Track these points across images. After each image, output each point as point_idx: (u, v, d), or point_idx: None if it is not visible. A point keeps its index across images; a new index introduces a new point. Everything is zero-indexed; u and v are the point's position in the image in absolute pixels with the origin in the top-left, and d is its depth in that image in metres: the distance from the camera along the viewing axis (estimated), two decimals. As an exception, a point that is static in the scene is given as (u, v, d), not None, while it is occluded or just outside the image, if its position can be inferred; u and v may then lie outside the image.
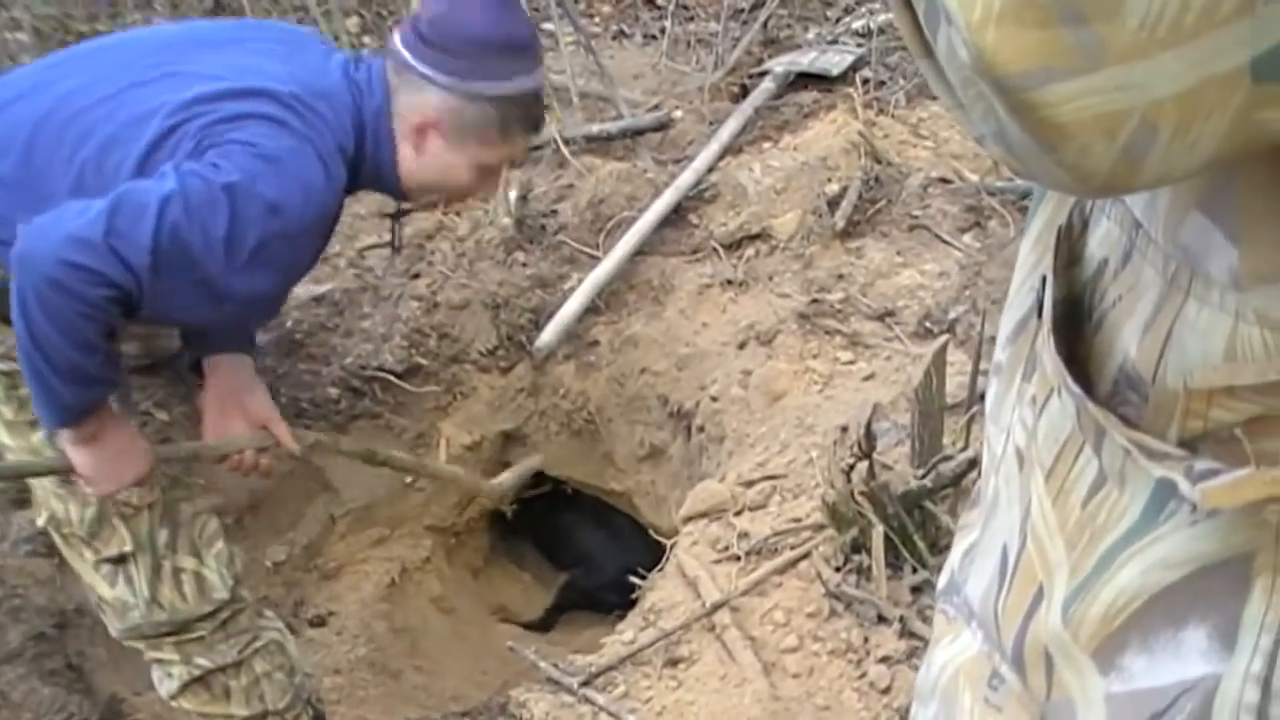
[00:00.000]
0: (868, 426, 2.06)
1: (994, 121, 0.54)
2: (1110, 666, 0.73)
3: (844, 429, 2.25)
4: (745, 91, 3.62)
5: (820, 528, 2.21)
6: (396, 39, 1.97)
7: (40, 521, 2.08)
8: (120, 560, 2.06)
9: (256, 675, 2.20)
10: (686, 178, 3.17)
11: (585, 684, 2.06)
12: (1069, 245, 0.78)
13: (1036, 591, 0.78)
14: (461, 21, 1.94)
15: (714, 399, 2.76)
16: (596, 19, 4.26)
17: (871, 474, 2.07)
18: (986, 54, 0.50)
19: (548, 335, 2.95)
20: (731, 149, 3.30)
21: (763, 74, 3.64)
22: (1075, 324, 0.76)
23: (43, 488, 2.03)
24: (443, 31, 1.94)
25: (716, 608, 2.11)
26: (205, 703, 2.18)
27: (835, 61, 3.54)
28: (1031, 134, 0.52)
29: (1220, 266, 0.64)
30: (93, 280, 1.70)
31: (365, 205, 3.35)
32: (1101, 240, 0.75)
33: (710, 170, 3.20)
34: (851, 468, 2.09)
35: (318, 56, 2.03)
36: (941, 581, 0.97)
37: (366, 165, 2.01)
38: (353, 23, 4.23)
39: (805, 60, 3.59)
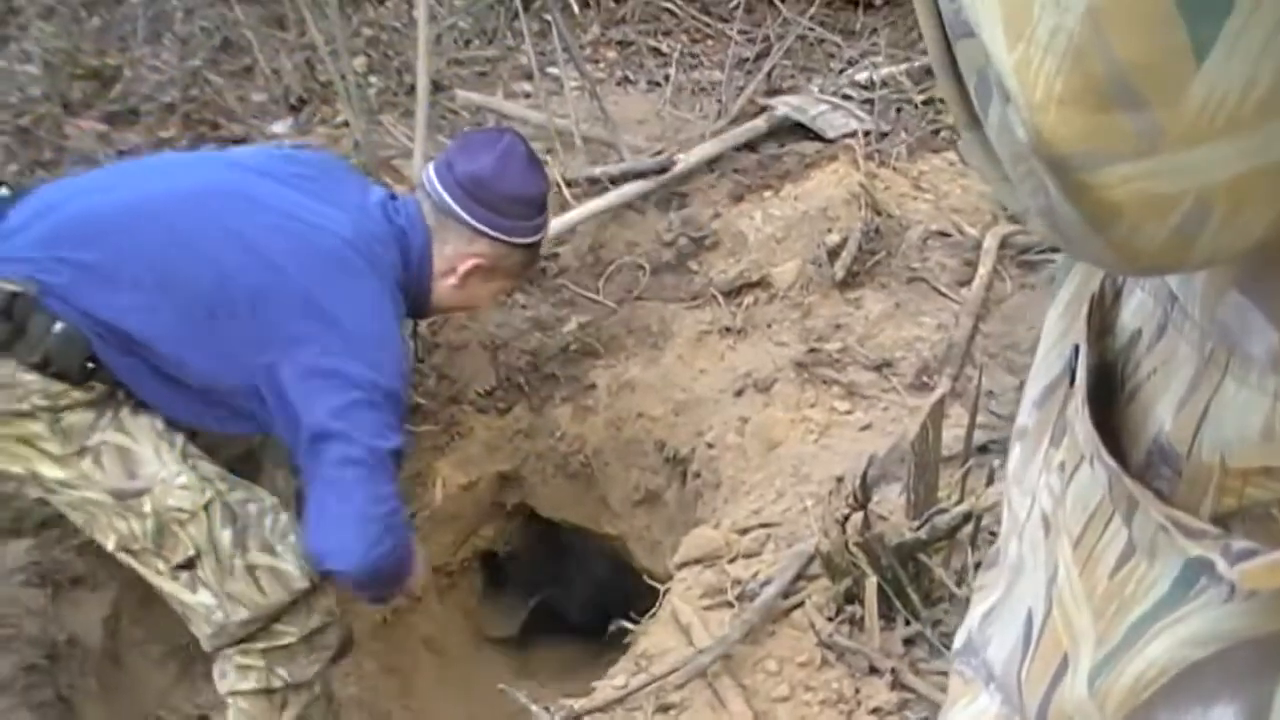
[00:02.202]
0: (863, 477, 2.07)
1: (1043, 198, 0.55)
2: None
3: (839, 479, 2.25)
4: (749, 141, 3.64)
5: (814, 577, 2.21)
6: (440, 190, 2.36)
7: (110, 547, 2.15)
8: (189, 565, 2.13)
9: (315, 696, 2.28)
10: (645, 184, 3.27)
11: (574, 727, 2.06)
12: (1100, 314, 0.79)
13: (1062, 660, 0.78)
14: (506, 182, 2.36)
15: (710, 445, 2.78)
16: (602, 64, 4.29)
17: (866, 525, 2.07)
18: (1045, 134, 0.51)
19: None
20: (727, 192, 3.33)
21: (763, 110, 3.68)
22: (1106, 393, 0.77)
23: (103, 512, 2.11)
24: (491, 190, 2.35)
25: (715, 660, 2.10)
26: (262, 709, 2.24)
27: (837, 125, 3.56)
28: (1083, 213, 0.54)
29: (1260, 348, 0.65)
30: (395, 536, 2.16)
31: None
32: (1135, 311, 0.77)
33: (680, 181, 3.29)
34: (847, 518, 2.09)
35: (358, 193, 2.35)
36: (958, 642, 0.97)
37: (408, 296, 2.35)
38: (359, 62, 4.26)
39: (811, 112, 3.61)
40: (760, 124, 3.56)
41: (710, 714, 2.05)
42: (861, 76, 3.94)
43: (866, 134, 3.48)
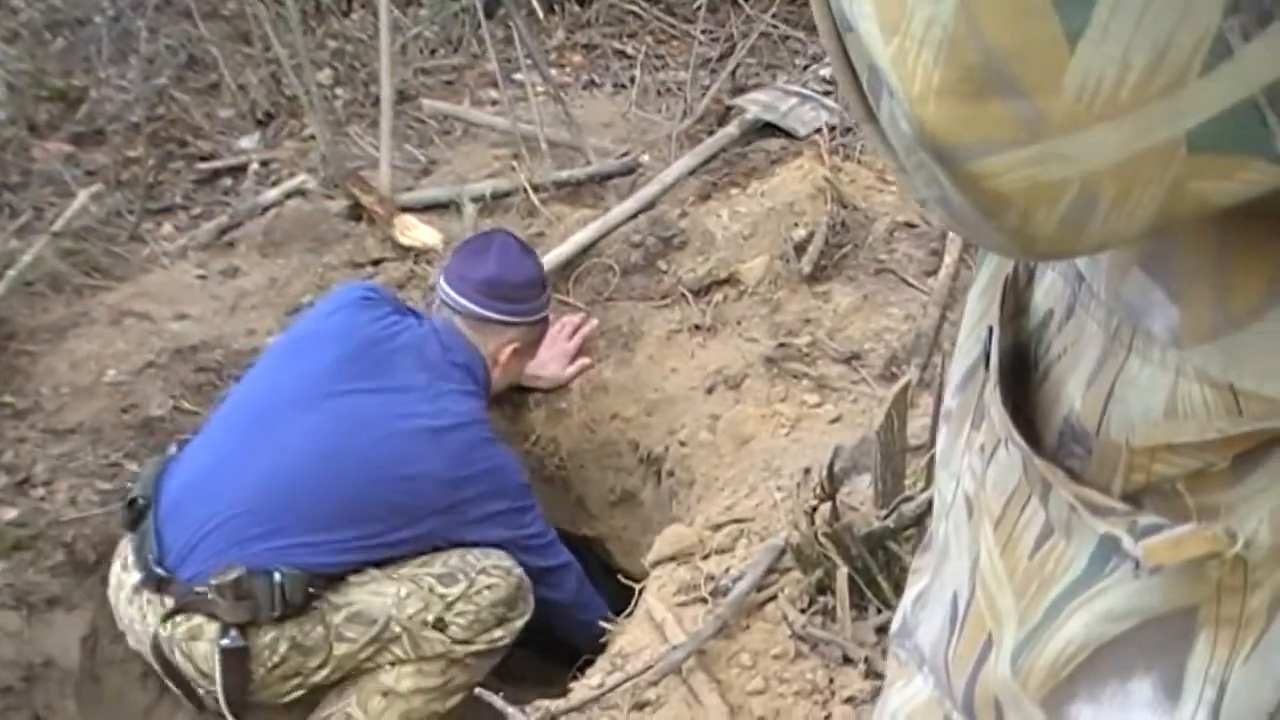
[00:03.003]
0: (830, 468, 2.07)
1: (938, 189, 0.56)
2: (1059, 716, 0.74)
3: (806, 471, 2.26)
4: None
5: (786, 570, 2.22)
6: (466, 303, 2.75)
7: None
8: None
9: None
10: (628, 205, 3.25)
11: (551, 728, 2.06)
12: (1015, 296, 0.80)
13: (986, 640, 0.79)
14: (515, 274, 2.79)
15: (683, 444, 2.78)
16: (567, 69, 4.30)
17: (835, 515, 2.08)
18: (927, 126, 0.52)
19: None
20: (694, 191, 3.33)
21: (729, 110, 3.67)
22: (1022, 374, 0.78)
23: None
24: (507, 286, 2.77)
25: (689, 655, 2.10)
26: None
27: (807, 119, 3.56)
28: (974, 202, 0.54)
29: (1161, 325, 0.65)
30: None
31: (337, 255, 3.38)
32: (1047, 292, 0.77)
33: (652, 207, 3.26)
34: (815, 510, 2.10)
35: (424, 368, 2.66)
36: (894, 625, 0.98)
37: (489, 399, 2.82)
38: (325, 75, 4.27)
39: (781, 108, 3.61)
40: (733, 130, 3.56)
41: (685, 710, 2.05)
42: (826, 72, 3.94)
43: (832, 128, 3.49)
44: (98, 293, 3.36)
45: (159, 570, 2.41)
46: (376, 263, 3.38)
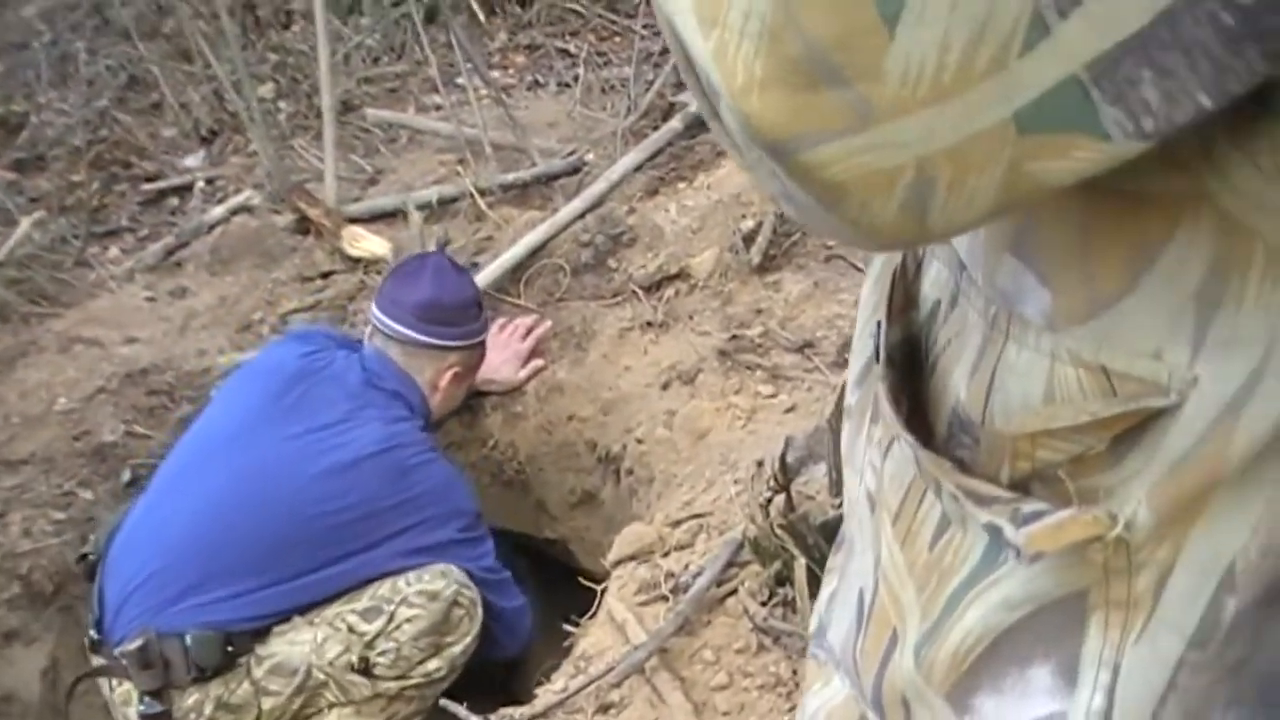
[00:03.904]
0: (782, 459, 2.07)
1: (778, 183, 0.55)
2: (964, 708, 0.73)
3: (760, 463, 2.25)
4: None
5: (746, 564, 2.21)
6: (399, 328, 2.67)
7: None
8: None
9: None
10: (576, 204, 3.22)
11: (515, 736, 2.05)
12: (904, 288, 0.79)
13: (891, 636, 0.78)
14: (451, 297, 2.72)
15: (640, 441, 2.77)
16: (511, 70, 4.28)
17: (790, 506, 2.07)
18: (753, 119, 0.51)
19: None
20: (641, 187, 3.32)
21: (673, 105, 3.66)
22: (914, 367, 0.77)
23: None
24: (442, 308, 2.69)
25: (650, 655, 2.09)
26: None
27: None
28: (812, 193, 0.53)
29: (1034, 309, 0.65)
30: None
31: (286, 270, 3.35)
32: (933, 282, 0.77)
33: (600, 205, 3.24)
34: (769, 501, 2.09)
35: (343, 394, 2.59)
36: (812, 626, 0.98)
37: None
38: (267, 89, 4.24)
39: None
40: (677, 124, 3.54)
41: (650, 710, 2.04)
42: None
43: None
44: (45, 320, 3.34)
45: (92, 633, 2.40)
46: (326, 275, 3.36)
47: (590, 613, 2.36)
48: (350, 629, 2.40)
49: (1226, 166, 0.55)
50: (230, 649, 2.33)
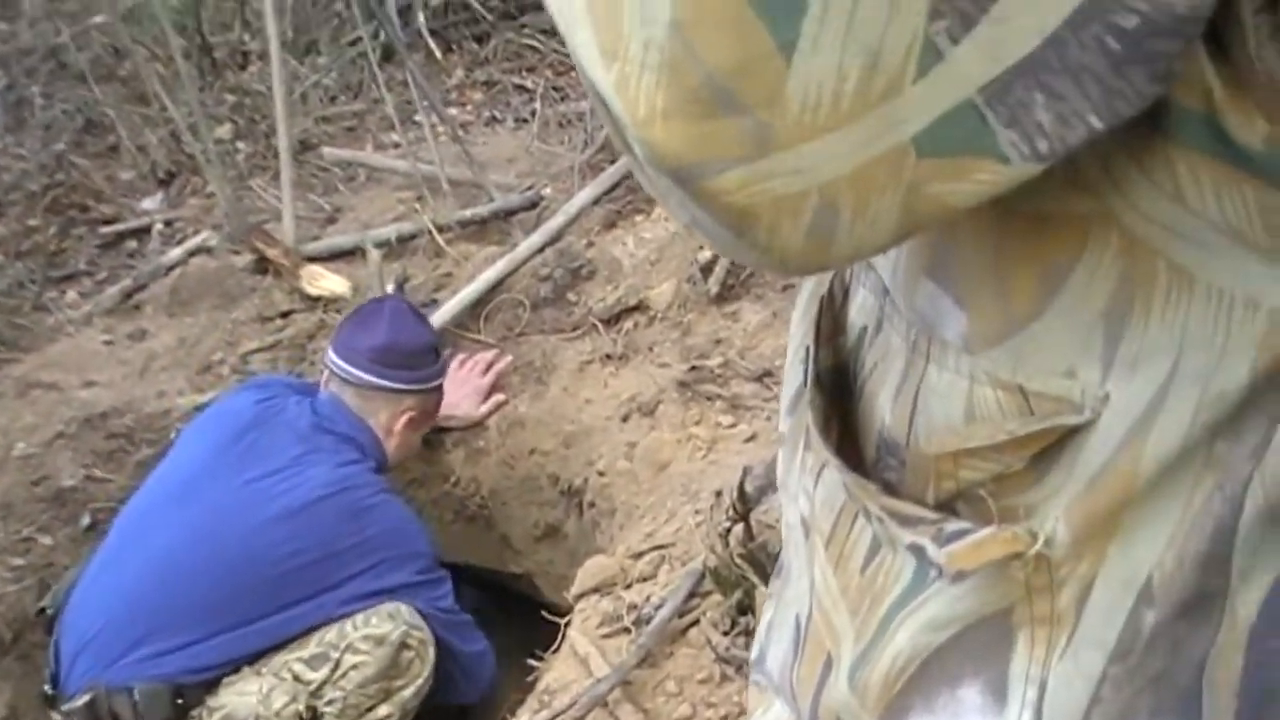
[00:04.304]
0: (740, 489, 2.07)
1: (688, 211, 0.55)
2: None
3: (718, 494, 2.26)
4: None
5: (708, 594, 2.21)
6: (355, 371, 2.65)
7: None
8: None
9: None
10: (534, 239, 3.24)
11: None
12: (833, 314, 0.80)
13: (826, 660, 0.79)
14: (407, 339, 2.70)
15: (602, 474, 2.77)
16: (468, 106, 4.29)
17: (750, 535, 2.08)
18: (657, 149, 0.51)
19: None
20: (599, 220, 3.33)
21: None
22: (845, 392, 0.78)
23: None
24: (399, 352, 2.67)
25: (613, 688, 2.09)
26: None
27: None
28: (719, 220, 0.54)
29: (952, 331, 0.66)
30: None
31: (245, 311, 3.35)
32: (860, 308, 0.78)
33: (558, 239, 3.25)
34: (729, 531, 2.10)
35: (293, 438, 2.56)
36: (753, 653, 0.98)
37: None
38: (225, 129, 4.24)
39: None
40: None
41: (613, 743, 2.04)
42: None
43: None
44: (3, 365, 3.32)
45: (47, 688, 2.38)
46: (285, 315, 3.35)
47: (554, 647, 2.36)
48: (296, 678, 2.36)
49: (1127, 186, 0.57)
50: (180, 701, 2.31)
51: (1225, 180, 0.55)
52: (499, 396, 3.01)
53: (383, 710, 2.44)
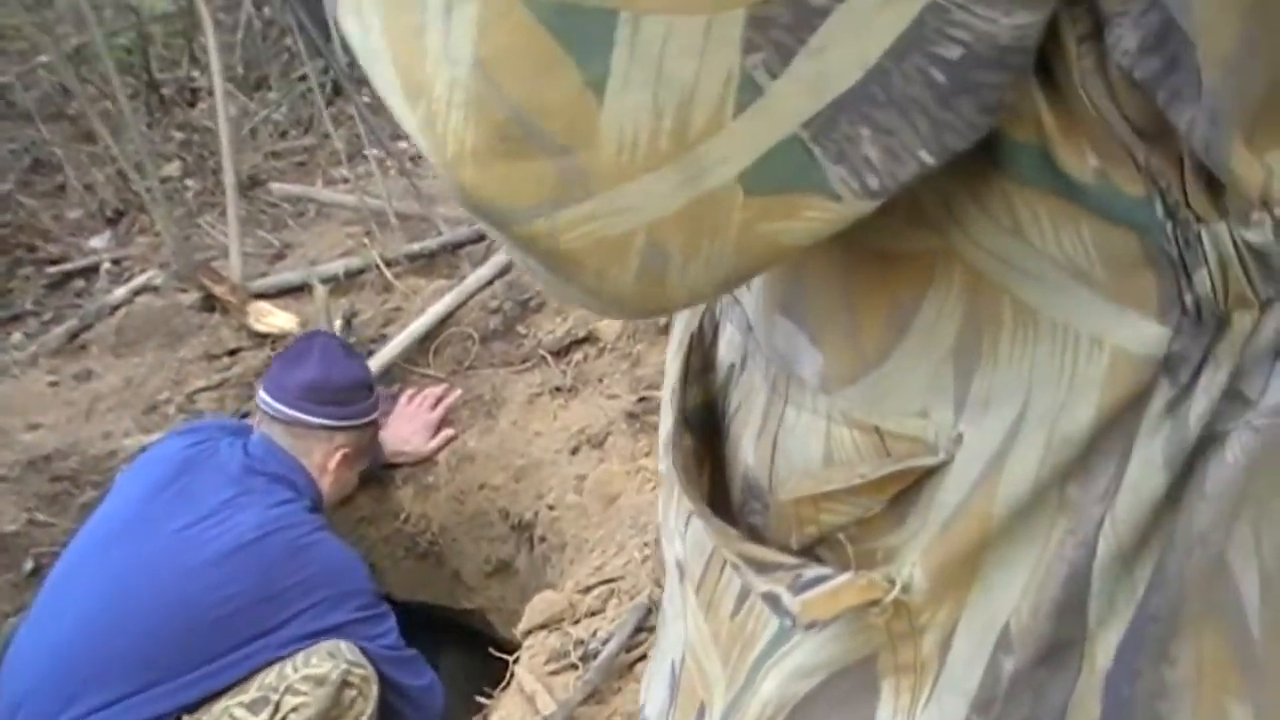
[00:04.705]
0: (684, 521, 2.05)
1: (512, 252, 0.53)
2: None
3: (662, 526, 2.23)
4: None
5: (654, 628, 2.19)
6: (286, 410, 2.60)
7: None
8: None
9: None
10: (483, 272, 3.22)
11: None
12: (703, 350, 0.78)
13: (699, 708, 0.77)
14: (338, 376, 2.65)
15: (551, 507, 2.75)
16: (418, 140, 4.27)
17: (694, 568, 2.06)
18: (469, 190, 0.48)
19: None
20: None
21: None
22: (715, 432, 0.76)
23: None
24: (330, 389, 2.63)
25: (558, 723, 2.07)
26: None
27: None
28: (544, 264, 0.51)
29: (809, 370, 0.64)
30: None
31: (192, 349, 3.31)
32: (727, 345, 0.76)
33: (507, 272, 3.23)
34: (674, 564, 2.07)
35: (222, 481, 2.50)
36: (641, 699, 0.95)
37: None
38: (174, 167, 4.21)
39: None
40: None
41: (559, 782, 2.01)
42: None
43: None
44: (-55, 408, 3.27)
45: None
46: (233, 353, 3.32)
47: (502, 685, 2.33)
48: None
49: (968, 222, 0.55)
50: None
51: (1061, 215, 0.53)
52: (448, 431, 2.97)
53: None
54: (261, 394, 2.67)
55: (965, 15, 0.43)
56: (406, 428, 2.93)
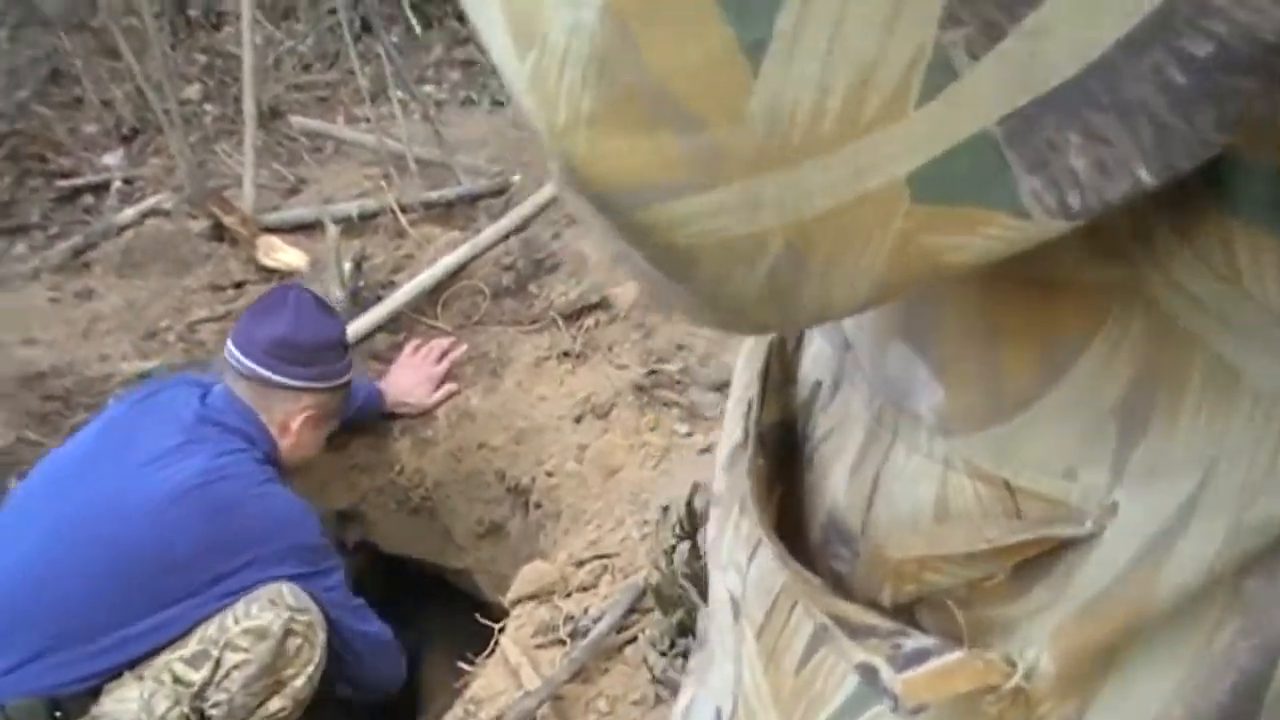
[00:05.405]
0: (689, 505, 2.00)
1: (618, 242, 0.44)
2: None
3: (665, 509, 2.18)
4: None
5: (648, 610, 2.14)
6: (251, 365, 2.47)
7: None
8: None
9: None
10: (500, 226, 3.14)
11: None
12: (783, 360, 0.69)
13: None
14: (309, 335, 2.51)
15: (550, 474, 2.69)
16: (444, 85, 4.20)
17: (695, 554, 2.00)
18: (578, 165, 0.40)
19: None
20: (568, 212, 3.24)
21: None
22: (792, 454, 0.67)
23: None
24: (298, 347, 2.48)
25: (542, 703, 2.01)
26: None
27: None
28: (654, 261, 0.43)
29: (926, 405, 0.55)
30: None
31: (198, 278, 3.25)
32: (815, 359, 0.66)
33: (524, 228, 3.16)
34: (674, 548, 2.02)
35: (172, 428, 2.38)
36: None
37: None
38: (194, 90, 4.14)
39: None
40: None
41: (537, 761, 1.97)
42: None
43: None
44: (-58, 316, 3.21)
45: None
46: (239, 285, 3.26)
47: (486, 652, 2.28)
48: (177, 679, 2.21)
49: (1165, 256, 0.46)
50: (58, 714, 2.16)
51: None
52: (451, 386, 2.90)
53: (274, 705, 2.29)
54: (229, 345, 2.54)
55: (1228, 1, 0.34)
56: (410, 379, 2.86)
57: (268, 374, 2.48)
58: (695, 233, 0.41)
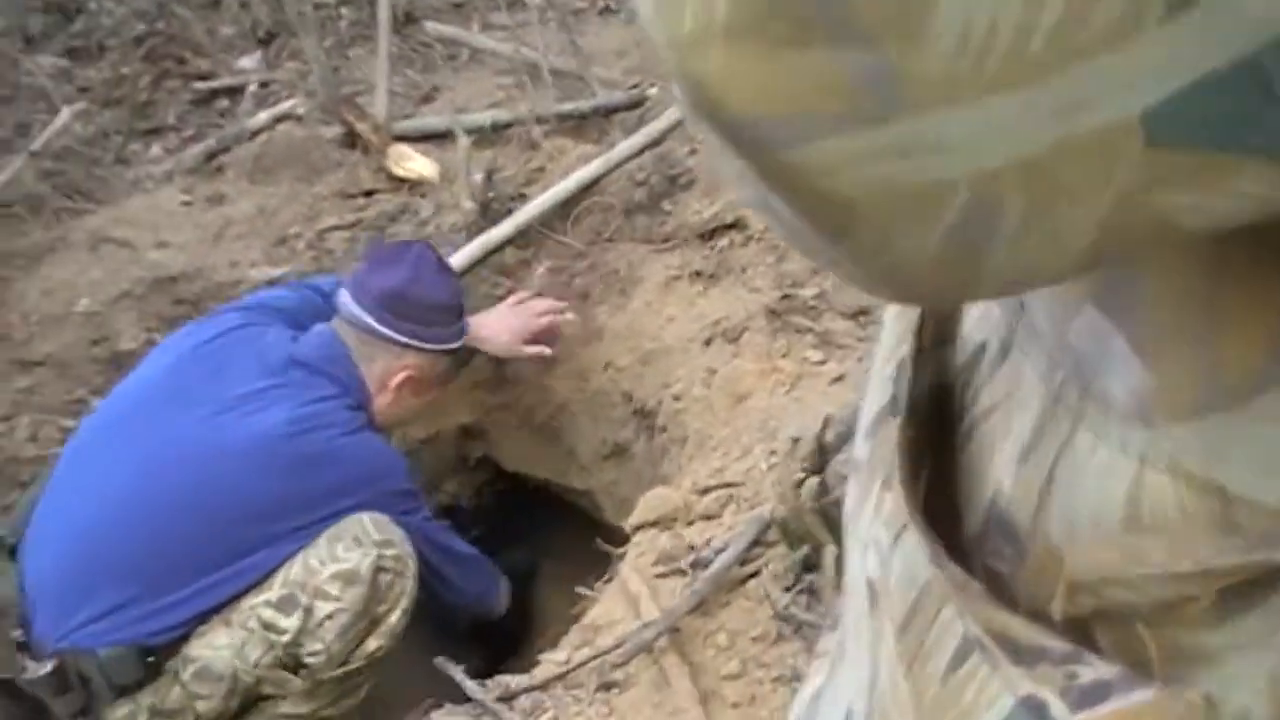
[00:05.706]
0: (819, 438, 1.91)
1: (753, 188, 0.35)
2: None
3: (795, 440, 2.09)
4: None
5: (772, 544, 2.06)
6: (359, 313, 2.42)
7: None
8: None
9: None
10: (634, 141, 3.04)
11: (503, 700, 1.93)
12: (937, 319, 0.58)
13: None
14: (423, 292, 2.44)
15: (677, 398, 2.62)
16: (583, -7, 4.10)
17: (824, 489, 1.92)
18: (710, 88, 0.32)
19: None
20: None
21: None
22: (945, 427, 0.56)
23: None
24: (410, 302, 2.42)
25: (660, 634, 1.95)
26: None
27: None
28: (804, 212, 0.34)
29: (1122, 387, 0.44)
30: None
31: (328, 185, 3.22)
32: (980, 319, 0.55)
33: (659, 144, 3.05)
34: (802, 481, 1.94)
35: (256, 361, 2.33)
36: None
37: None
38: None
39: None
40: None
41: (654, 694, 1.91)
42: None
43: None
44: (77, 216, 3.23)
45: (18, 634, 2.18)
46: (369, 194, 3.22)
47: (605, 578, 2.23)
48: (266, 625, 2.17)
49: None
50: (150, 660, 2.14)
51: None
52: (544, 348, 2.75)
53: (372, 644, 2.25)
54: (340, 291, 2.49)
55: None
56: (496, 325, 2.71)
57: (373, 323, 2.42)
58: (856, 180, 0.32)
